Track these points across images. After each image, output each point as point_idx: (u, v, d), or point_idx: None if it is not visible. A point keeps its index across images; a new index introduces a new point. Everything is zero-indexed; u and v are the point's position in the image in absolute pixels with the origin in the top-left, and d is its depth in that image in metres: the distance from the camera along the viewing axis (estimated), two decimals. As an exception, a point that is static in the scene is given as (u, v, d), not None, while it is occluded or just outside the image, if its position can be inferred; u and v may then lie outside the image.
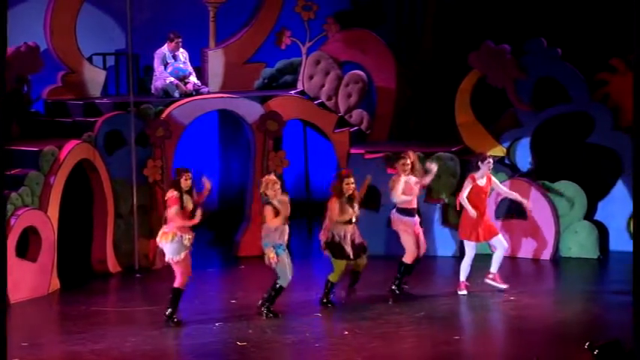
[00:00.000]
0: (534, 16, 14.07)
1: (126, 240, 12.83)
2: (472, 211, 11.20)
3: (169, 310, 10.47)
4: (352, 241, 10.91)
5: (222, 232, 14.29)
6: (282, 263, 10.52)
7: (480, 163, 11.39)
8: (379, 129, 14.48)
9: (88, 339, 10.16)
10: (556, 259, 12.99)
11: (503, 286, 11.49)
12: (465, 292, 11.40)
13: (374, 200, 12.84)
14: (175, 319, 10.46)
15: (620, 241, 13.23)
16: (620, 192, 13.26)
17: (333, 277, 11.06)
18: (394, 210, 11.41)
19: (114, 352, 9.79)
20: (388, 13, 15.23)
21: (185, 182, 10.46)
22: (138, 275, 12.66)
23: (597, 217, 13.30)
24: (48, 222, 11.80)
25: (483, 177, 11.40)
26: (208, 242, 14.17)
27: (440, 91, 14.51)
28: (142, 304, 11.48)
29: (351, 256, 10.91)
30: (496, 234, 11.51)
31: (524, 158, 13.47)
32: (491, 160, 11.43)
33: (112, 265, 12.74)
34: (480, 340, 10.10)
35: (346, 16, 14.89)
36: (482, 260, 13.06)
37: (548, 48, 13.35)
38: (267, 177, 10.74)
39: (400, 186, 11.29)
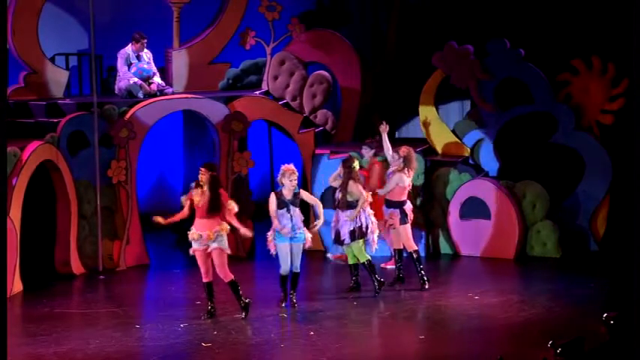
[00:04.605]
0: (497, 17, 14.15)
1: (90, 241, 12.77)
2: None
3: (240, 302, 10.67)
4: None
5: (186, 234, 14.22)
6: (279, 251, 10.90)
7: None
8: (344, 129, 14.51)
9: (52, 341, 10.10)
10: (520, 258, 13.08)
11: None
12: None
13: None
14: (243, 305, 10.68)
15: (582, 241, 13.34)
16: (582, 192, 13.36)
17: (362, 258, 11.37)
18: None
19: (78, 354, 9.74)
20: (352, 14, 15.25)
21: (200, 177, 10.61)
22: (102, 277, 12.60)
23: (560, 216, 13.41)
24: (10, 224, 11.70)
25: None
26: (173, 243, 14.12)
27: (404, 91, 14.56)
28: (106, 306, 11.42)
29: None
30: None
31: (488, 158, 13.55)
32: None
33: (76, 266, 12.67)
34: (445, 339, 10.15)
35: (311, 16, 14.89)
36: (446, 259, 13.16)
37: (511, 49, 13.44)
38: (286, 166, 10.98)
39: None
